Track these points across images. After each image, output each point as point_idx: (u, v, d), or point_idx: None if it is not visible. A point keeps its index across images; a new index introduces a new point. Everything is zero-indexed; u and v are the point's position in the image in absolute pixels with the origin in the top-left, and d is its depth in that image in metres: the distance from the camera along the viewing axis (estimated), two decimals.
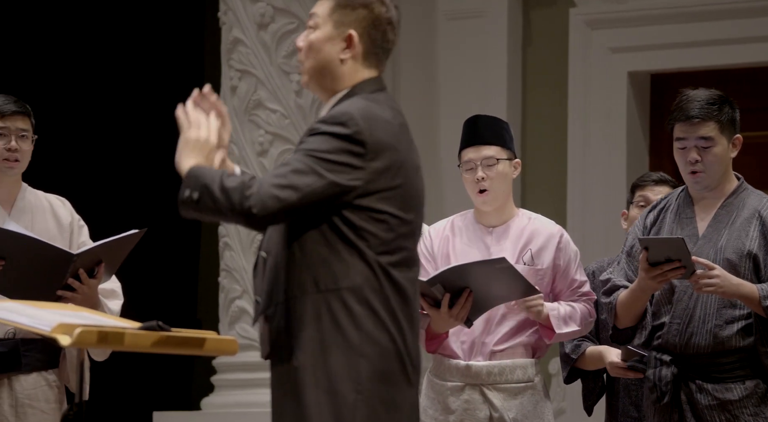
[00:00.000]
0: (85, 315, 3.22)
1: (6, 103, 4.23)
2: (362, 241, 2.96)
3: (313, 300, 2.97)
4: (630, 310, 4.13)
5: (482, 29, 6.88)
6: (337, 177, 2.93)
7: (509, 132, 4.44)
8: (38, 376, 4.13)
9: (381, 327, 2.96)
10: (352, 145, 2.94)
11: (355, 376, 2.94)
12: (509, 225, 4.43)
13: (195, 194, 2.98)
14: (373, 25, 3.08)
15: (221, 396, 6.76)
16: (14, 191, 4.23)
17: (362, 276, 2.96)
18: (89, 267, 4.03)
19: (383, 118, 3.01)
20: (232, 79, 6.74)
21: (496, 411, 4.33)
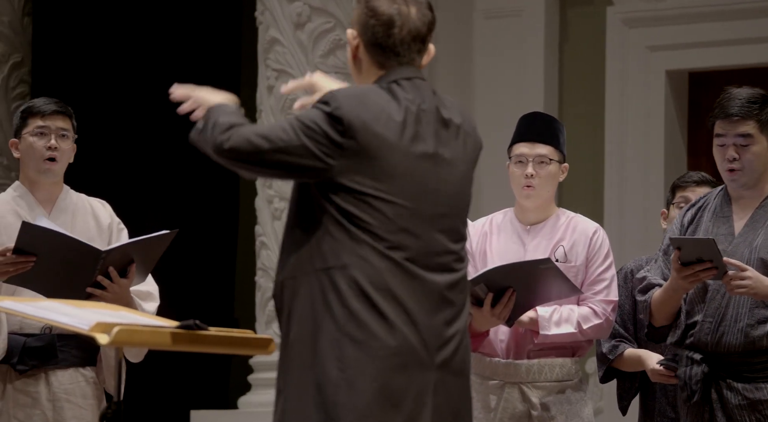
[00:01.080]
0: (123, 314, 3.24)
1: (47, 103, 4.26)
2: (350, 223, 2.98)
3: (308, 280, 3.00)
4: (663, 309, 4.11)
5: (519, 28, 6.86)
6: (311, 144, 2.97)
7: (564, 135, 4.44)
8: (75, 372, 4.15)
9: (370, 306, 2.96)
10: (331, 121, 2.98)
11: (338, 354, 2.94)
12: (547, 222, 4.43)
13: (201, 124, 3.09)
14: (363, 23, 3.09)
15: (258, 394, 6.78)
16: (55, 192, 4.25)
17: (352, 255, 2.97)
18: (121, 266, 4.04)
19: (376, 102, 3.02)
20: (268, 78, 6.75)
21: (535, 410, 4.32)
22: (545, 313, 4.30)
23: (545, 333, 4.28)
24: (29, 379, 4.11)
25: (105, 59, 7.83)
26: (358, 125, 2.98)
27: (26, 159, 4.22)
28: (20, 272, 3.97)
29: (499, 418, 4.34)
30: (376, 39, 3.08)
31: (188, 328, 3.04)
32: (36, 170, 4.21)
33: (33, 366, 4.10)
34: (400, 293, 2.99)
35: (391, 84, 3.07)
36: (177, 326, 3.06)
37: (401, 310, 2.99)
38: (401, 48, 3.10)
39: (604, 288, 4.38)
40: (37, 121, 4.21)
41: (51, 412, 4.11)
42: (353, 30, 3.10)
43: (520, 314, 4.27)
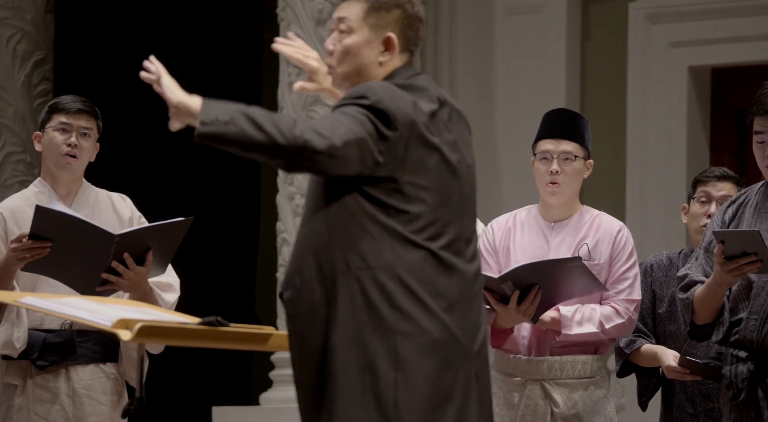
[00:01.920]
0: (145, 310, 3.24)
1: (74, 101, 4.29)
2: (392, 219, 2.95)
3: (345, 280, 2.94)
4: (707, 306, 4.07)
5: (540, 24, 6.84)
6: (368, 137, 2.91)
7: (589, 131, 4.42)
8: (95, 368, 4.16)
9: (417, 303, 2.94)
10: (375, 113, 2.94)
11: (392, 354, 2.92)
12: (571, 219, 4.42)
13: (224, 116, 2.88)
14: (408, 25, 3.09)
15: (279, 391, 6.78)
16: (74, 187, 4.27)
17: (393, 253, 2.94)
18: (138, 254, 4.03)
19: (405, 95, 3.01)
20: (290, 75, 6.75)
21: (557, 407, 4.32)
22: (567, 313, 4.29)
23: (567, 333, 4.28)
24: (49, 375, 4.12)
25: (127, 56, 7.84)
26: (400, 116, 2.96)
27: (46, 153, 4.25)
28: (37, 258, 3.97)
29: (521, 415, 4.33)
30: (417, 40, 3.11)
31: (210, 325, 3.05)
32: (55, 164, 4.23)
33: (53, 362, 4.12)
34: (443, 285, 2.98)
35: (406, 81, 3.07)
36: (199, 322, 3.07)
37: (445, 303, 2.98)
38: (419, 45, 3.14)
39: (627, 287, 4.36)
40: (61, 117, 4.24)
41: (71, 407, 4.12)
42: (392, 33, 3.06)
43: (544, 310, 4.26)
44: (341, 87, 3.13)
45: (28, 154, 7.55)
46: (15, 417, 4.09)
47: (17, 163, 7.57)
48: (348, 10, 3.10)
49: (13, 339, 4.06)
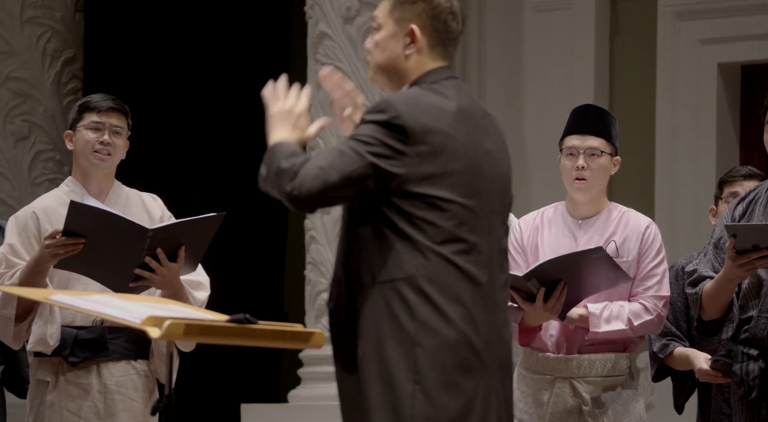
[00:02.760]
0: (173, 307, 3.25)
1: (105, 99, 4.30)
2: (416, 230, 2.96)
3: (370, 292, 2.97)
4: (716, 301, 4.07)
5: (569, 21, 6.83)
6: (378, 160, 2.94)
7: (616, 128, 4.41)
8: (127, 364, 4.18)
9: (439, 315, 2.95)
10: (392, 130, 2.96)
11: (411, 366, 2.93)
12: (599, 217, 4.40)
13: (264, 170, 3.04)
14: (434, 17, 3.08)
15: (308, 388, 6.79)
16: (106, 186, 4.28)
17: (416, 265, 2.95)
18: (170, 251, 4.05)
19: (431, 103, 3.01)
20: (318, 72, 6.76)
21: (586, 404, 4.31)
22: (595, 310, 4.27)
23: (596, 331, 4.26)
24: (81, 371, 4.14)
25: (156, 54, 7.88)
26: (419, 130, 2.97)
27: (78, 151, 4.27)
28: (70, 254, 3.99)
29: (549, 413, 4.32)
30: (448, 32, 3.08)
31: (238, 322, 3.05)
32: (87, 162, 4.25)
33: (84, 358, 4.13)
34: (466, 298, 2.98)
35: (433, 84, 3.07)
36: (227, 320, 3.07)
37: (468, 316, 2.98)
38: (458, 38, 3.12)
39: (656, 284, 4.34)
40: (93, 116, 4.25)
41: (102, 404, 4.13)
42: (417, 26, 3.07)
43: (571, 307, 4.25)
44: (376, 81, 3.15)
45: (58, 152, 7.59)
46: (47, 413, 4.11)
47: (47, 160, 7.61)
48: (379, 9, 3.15)
49: (47, 336, 4.08)
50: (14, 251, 4.15)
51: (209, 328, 3.03)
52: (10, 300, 4.07)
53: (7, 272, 4.11)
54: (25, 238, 4.16)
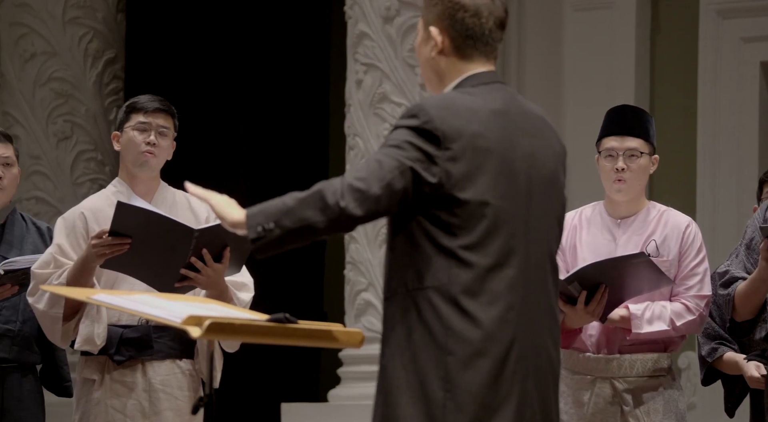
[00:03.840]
0: (214, 307, 3.26)
1: (151, 100, 4.31)
2: (447, 236, 2.94)
3: (402, 300, 2.97)
4: (749, 302, 4.04)
5: (610, 20, 6.80)
6: (415, 164, 2.92)
7: (653, 126, 4.39)
8: (172, 363, 4.19)
9: (471, 323, 2.93)
10: (424, 136, 2.93)
11: (442, 374, 2.91)
12: (638, 216, 4.39)
13: (269, 224, 2.96)
14: (450, 16, 3.05)
15: (348, 388, 6.80)
16: (152, 187, 4.29)
17: (448, 273, 2.93)
18: (215, 251, 4.06)
19: (464, 106, 2.98)
20: (357, 72, 6.76)
21: (627, 405, 4.29)
22: (637, 311, 4.25)
23: (638, 332, 4.24)
24: (126, 369, 4.16)
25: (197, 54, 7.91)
26: (451, 134, 2.94)
27: (125, 152, 4.28)
28: (116, 254, 4.01)
29: (590, 413, 4.31)
30: (467, 30, 3.04)
31: (278, 322, 3.06)
32: (133, 163, 4.26)
33: (129, 357, 4.15)
34: (499, 304, 2.96)
35: (471, 88, 3.05)
36: (267, 319, 3.08)
37: (501, 323, 2.96)
38: (489, 37, 3.06)
39: (697, 283, 4.32)
40: (140, 116, 4.26)
41: (147, 402, 4.15)
42: (436, 27, 3.05)
43: (612, 309, 4.24)
44: (426, 83, 3.15)
45: (99, 152, 7.63)
46: (93, 410, 4.13)
47: (88, 161, 7.65)
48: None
49: (94, 336, 4.10)
50: (62, 251, 4.17)
51: (249, 328, 3.03)
52: (58, 300, 4.10)
53: (56, 272, 4.14)
54: (73, 239, 4.18)
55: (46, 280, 4.13)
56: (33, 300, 4.16)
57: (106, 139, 7.52)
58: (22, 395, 4.58)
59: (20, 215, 4.74)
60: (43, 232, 4.71)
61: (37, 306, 4.15)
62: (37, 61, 7.53)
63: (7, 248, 4.60)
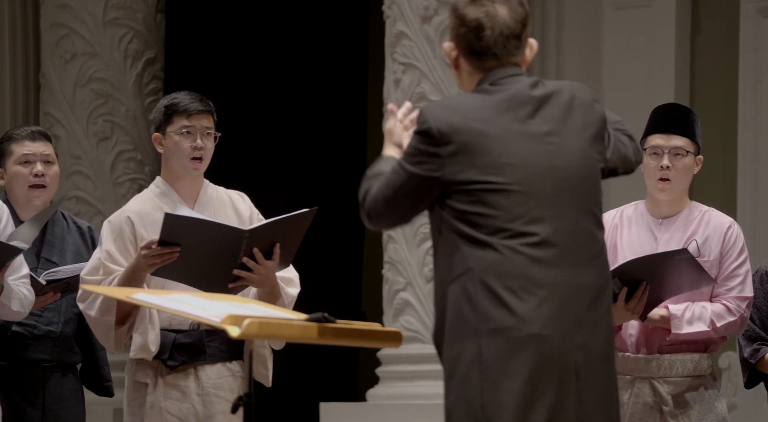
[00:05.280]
0: (253, 306, 3.28)
1: (192, 101, 4.26)
2: (469, 225, 3.01)
3: (442, 292, 3.05)
4: None
5: (649, 18, 6.77)
6: (417, 168, 3.06)
7: (699, 126, 4.37)
8: (222, 366, 4.20)
9: (500, 305, 2.97)
10: (423, 137, 3.07)
11: (476, 357, 2.96)
12: (679, 216, 4.37)
13: None
14: (455, 33, 3.12)
15: (386, 387, 6.80)
16: (197, 187, 4.28)
17: (475, 258, 3.00)
18: (265, 249, 4.07)
19: (465, 102, 3.07)
20: (395, 72, 6.76)
21: (666, 405, 4.27)
22: (677, 311, 4.23)
23: (677, 333, 4.23)
24: (179, 374, 4.16)
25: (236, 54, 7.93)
26: (446, 129, 3.04)
27: (171, 156, 4.24)
28: (166, 263, 4.02)
29: (629, 413, 4.29)
30: (469, 45, 3.10)
31: (317, 321, 3.07)
32: (181, 167, 4.24)
33: (183, 362, 4.16)
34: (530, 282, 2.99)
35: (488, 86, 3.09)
36: (305, 319, 3.09)
37: (533, 300, 2.98)
38: (497, 49, 3.09)
39: (738, 284, 4.29)
40: (183, 120, 4.21)
41: (201, 407, 4.15)
42: (450, 42, 3.12)
43: (653, 307, 4.22)
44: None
45: (139, 152, 7.67)
46: (147, 414, 4.13)
47: (128, 160, 7.68)
48: None
49: (148, 343, 4.10)
50: (111, 257, 4.15)
51: (288, 327, 3.04)
52: (110, 308, 4.10)
53: (105, 278, 4.13)
54: (120, 244, 4.17)
55: None
56: (84, 307, 4.16)
57: (145, 139, 7.56)
58: (63, 394, 4.60)
59: (61, 214, 4.75)
60: (83, 232, 4.73)
61: (88, 313, 4.14)
62: (78, 61, 7.57)
63: (48, 248, 4.62)
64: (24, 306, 4.26)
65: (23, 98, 7.84)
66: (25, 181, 4.57)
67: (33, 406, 4.56)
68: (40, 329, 4.58)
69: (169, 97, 4.32)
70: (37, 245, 4.57)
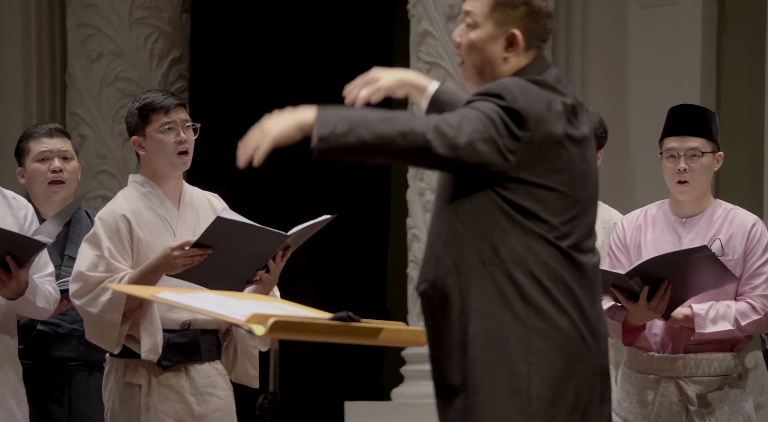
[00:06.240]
0: (277, 305, 3.28)
1: (166, 97, 4.20)
2: (525, 216, 2.97)
3: (478, 274, 2.97)
4: None
5: (675, 17, 6.74)
6: (498, 138, 2.92)
7: (716, 123, 4.35)
8: (209, 366, 4.19)
9: (549, 298, 2.96)
10: (510, 114, 2.95)
11: (525, 349, 2.94)
12: (703, 215, 4.35)
13: (343, 126, 2.82)
14: (533, 21, 3.07)
15: (411, 386, 6.80)
16: (179, 186, 4.24)
17: (525, 248, 2.96)
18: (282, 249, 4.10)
19: (538, 91, 3.02)
20: (420, 71, 6.76)
21: (692, 404, 4.25)
22: (701, 311, 4.22)
23: (701, 332, 4.21)
24: (170, 373, 4.14)
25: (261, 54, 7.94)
26: (533, 117, 2.97)
27: (155, 156, 4.18)
28: (194, 264, 4.01)
29: (655, 413, 4.28)
30: (544, 34, 3.08)
31: (341, 320, 3.06)
32: (169, 165, 4.18)
33: (176, 362, 4.14)
34: (571, 283, 3.00)
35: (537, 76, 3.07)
36: (330, 318, 3.09)
37: (574, 300, 3.00)
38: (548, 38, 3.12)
39: (763, 282, 4.27)
40: (162, 117, 4.16)
41: (196, 406, 4.14)
42: (518, 30, 3.05)
43: (676, 306, 4.20)
44: (470, 80, 3.14)
45: None
46: (143, 416, 4.10)
47: None
48: (474, 4, 3.10)
49: (158, 344, 4.08)
50: (112, 254, 4.11)
51: (312, 326, 3.04)
52: (118, 307, 4.05)
53: (110, 275, 4.08)
54: (117, 242, 4.11)
55: (98, 283, 4.07)
56: (82, 303, 4.08)
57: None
58: (89, 393, 4.61)
59: (85, 212, 4.76)
60: None
61: (89, 309, 4.07)
62: (104, 61, 7.60)
63: (72, 246, 4.63)
64: (49, 303, 4.26)
65: (50, 98, 7.87)
66: (43, 177, 4.58)
67: (59, 405, 4.57)
68: (64, 327, 4.59)
69: (139, 98, 4.23)
70: (60, 243, 4.58)
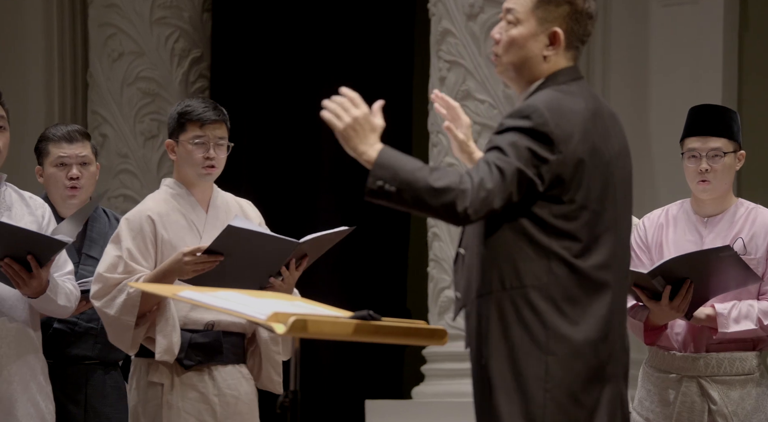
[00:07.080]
0: (298, 304, 3.28)
1: (206, 110, 4.22)
2: (550, 237, 2.95)
3: (498, 298, 2.98)
4: None
5: (697, 15, 6.72)
6: (528, 169, 2.93)
7: (737, 122, 4.34)
8: (233, 368, 4.20)
9: (570, 324, 2.95)
10: (537, 137, 2.94)
11: (542, 375, 2.93)
12: (725, 214, 4.34)
13: (391, 187, 2.97)
14: (576, 21, 3.07)
15: (431, 385, 6.80)
16: (208, 192, 4.27)
17: (548, 274, 2.95)
18: (297, 258, 4.11)
19: (571, 108, 2.99)
20: (441, 69, 6.76)
21: (714, 404, 4.24)
22: (723, 310, 4.21)
23: (724, 331, 4.20)
24: (194, 373, 4.15)
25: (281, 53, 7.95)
26: (564, 138, 2.96)
27: (183, 164, 4.23)
28: (206, 270, 4.02)
29: (677, 412, 4.27)
30: (585, 35, 3.08)
31: (362, 319, 3.07)
32: (193, 175, 4.23)
33: (199, 362, 4.15)
34: (596, 308, 2.98)
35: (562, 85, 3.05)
36: (351, 316, 3.09)
37: (598, 326, 2.98)
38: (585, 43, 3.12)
39: None
40: (196, 129, 4.19)
41: (218, 407, 4.16)
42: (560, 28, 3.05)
43: (698, 305, 4.19)
44: (505, 76, 3.13)
45: None
46: (165, 415, 4.12)
47: None
48: (517, 1, 3.11)
49: (173, 345, 4.10)
50: (132, 256, 4.13)
51: (333, 325, 3.05)
52: (133, 308, 4.08)
53: (127, 277, 4.10)
54: (140, 242, 4.14)
55: (116, 285, 4.09)
56: (101, 305, 4.12)
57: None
58: (106, 391, 4.62)
59: (103, 211, 4.78)
60: None
61: (106, 311, 4.11)
62: (125, 60, 7.62)
63: (89, 244, 4.65)
64: (70, 301, 4.28)
65: (71, 97, 7.90)
66: (61, 183, 4.60)
67: (75, 403, 4.59)
68: (81, 326, 4.61)
69: (183, 103, 4.27)
70: (78, 241, 4.59)
